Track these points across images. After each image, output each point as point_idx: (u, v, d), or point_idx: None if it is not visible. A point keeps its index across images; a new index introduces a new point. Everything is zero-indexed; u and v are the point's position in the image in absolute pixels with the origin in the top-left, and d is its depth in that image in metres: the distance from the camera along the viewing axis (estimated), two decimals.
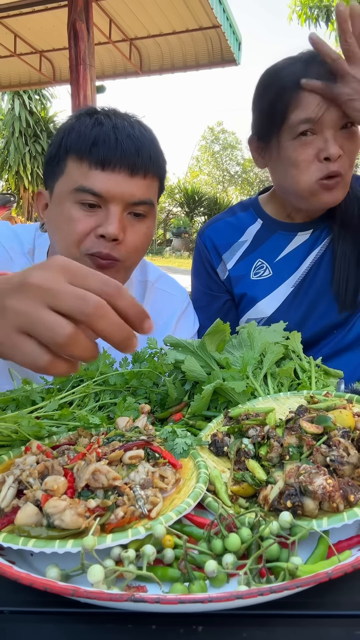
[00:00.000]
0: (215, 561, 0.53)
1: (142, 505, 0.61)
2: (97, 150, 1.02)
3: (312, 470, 0.61)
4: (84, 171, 1.04)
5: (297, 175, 1.27)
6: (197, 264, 1.55)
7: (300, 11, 9.87)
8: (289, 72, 1.26)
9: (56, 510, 0.56)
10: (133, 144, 1.04)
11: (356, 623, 0.50)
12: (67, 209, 1.05)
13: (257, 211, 1.50)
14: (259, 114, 1.35)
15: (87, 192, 1.03)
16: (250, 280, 1.46)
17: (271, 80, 1.30)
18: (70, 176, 1.06)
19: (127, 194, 1.04)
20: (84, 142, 1.03)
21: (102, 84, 8.04)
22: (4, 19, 6.34)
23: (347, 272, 1.36)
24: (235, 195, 31.51)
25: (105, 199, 1.04)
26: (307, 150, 1.24)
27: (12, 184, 17.26)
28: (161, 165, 1.12)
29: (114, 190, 1.03)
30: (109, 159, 1.02)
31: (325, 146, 1.22)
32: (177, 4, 5.87)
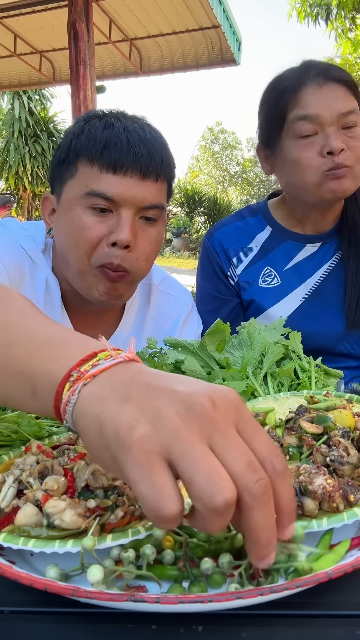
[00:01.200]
0: (211, 559, 0.53)
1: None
2: (109, 153, 1.00)
3: (312, 470, 0.61)
4: (94, 175, 1.02)
5: (302, 172, 1.28)
6: (205, 267, 1.53)
7: (299, 8, 9.86)
8: (287, 76, 1.31)
9: (56, 510, 0.57)
10: (145, 147, 1.02)
11: (356, 623, 0.50)
12: (78, 215, 1.03)
13: (266, 217, 1.49)
14: (262, 120, 1.38)
15: (99, 196, 1.01)
16: (258, 287, 1.45)
17: (272, 87, 1.34)
18: (81, 180, 1.04)
19: (138, 198, 1.02)
20: (94, 145, 1.01)
21: (102, 84, 8.04)
22: (4, 19, 6.34)
23: (359, 290, 1.36)
24: (235, 196, 31.52)
25: (117, 203, 1.02)
26: (309, 148, 1.26)
27: (12, 184, 17.25)
28: (172, 169, 1.11)
29: (126, 194, 1.01)
30: (121, 162, 1.00)
31: (327, 142, 1.23)
32: (177, 4, 5.87)
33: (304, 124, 1.24)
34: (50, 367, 0.51)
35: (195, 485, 0.40)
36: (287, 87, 1.28)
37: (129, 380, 0.46)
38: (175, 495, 0.40)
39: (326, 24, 9.84)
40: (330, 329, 1.38)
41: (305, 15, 9.88)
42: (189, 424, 0.41)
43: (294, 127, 1.26)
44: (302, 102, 1.25)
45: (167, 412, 0.42)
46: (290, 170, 1.30)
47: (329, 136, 1.23)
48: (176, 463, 0.40)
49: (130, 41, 6.78)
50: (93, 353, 0.51)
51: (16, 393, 0.55)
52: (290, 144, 1.28)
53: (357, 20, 9.58)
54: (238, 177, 33.46)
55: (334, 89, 1.25)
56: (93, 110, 1.13)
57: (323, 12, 9.68)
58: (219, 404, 0.44)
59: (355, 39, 9.69)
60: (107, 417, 0.43)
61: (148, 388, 0.45)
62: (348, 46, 9.76)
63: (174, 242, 20.76)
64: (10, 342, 0.56)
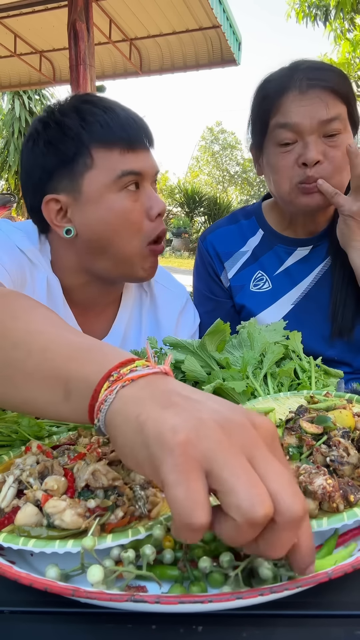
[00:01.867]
0: (209, 558, 0.53)
1: (142, 505, 0.61)
2: (127, 134, 1.07)
3: (312, 471, 0.61)
4: (115, 157, 1.07)
5: (278, 181, 1.28)
6: (199, 269, 1.53)
7: (298, 9, 9.85)
8: (273, 80, 1.29)
9: (56, 510, 0.56)
10: (140, 122, 1.12)
11: (356, 623, 0.50)
12: (114, 201, 1.07)
13: (259, 220, 1.49)
14: (250, 122, 1.38)
15: (130, 174, 1.07)
16: (249, 291, 1.45)
17: (258, 90, 1.33)
18: (104, 167, 1.07)
19: (153, 168, 1.13)
20: (109, 130, 1.06)
21: (102, 84, 8.05)
22: (4, 19, 6.34)
23: (345, 296, 1.33)
24: (235, 196, 31.52)
25: (143, 176, 1.10)
26: (287, 156, 1.24)
27: (12, 184, 17.26)
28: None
29: (147, 166, 1.11)
30: (135, 140, 1.09)
31: (304, 152, 1.21)
32: (177, 4, 5.87)
33: (283, 132, 1.23)
34: (87, 369, 0.52)
35: (236, 494, 0.40)
36: (270, 93, 1.27)
37: (167, 390, 0.47)
38: (207, 506, 0.40)
39: (325, 24, 9.84)
40: (320, 334, 1.36)
41: (304, 16, 9.87)
42: (231, 438, 0.42)
43: (274, 134, 1.25)
44: (283, 109, 1.23)
45: (210, 423, 0.42)
46: (270, 177, 1.31)
47: (307, 146, 1.20)
48: (216, 473, 0.40)
49: (130, 41, 6.78)
50: (131, 359, 0.52)
51: (47, 398, 0.55)
52: (272, 150, 1.27)
53: (355, 21, 9.58)
54: (238, 177, 33.45)
55: (317, 95, 1.20)
56: (56, 105, 1.14)
57: (321, 13, 9.68)
58: (259, 426, 0.44)
59: (354, 39, 9.69)
60: (149, 417, 0.43)
61: (188, 400, 0.45)
62: (347, 47, 9.76)
63: (173, 242, 20.75)
64: (44, 348, 0.57)
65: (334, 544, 0.59)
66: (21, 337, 0.60)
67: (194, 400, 0.45)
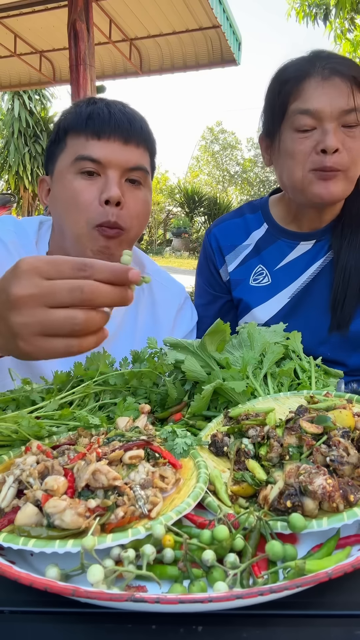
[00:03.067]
0: (212, 551, 0.53)
1: (142, 505, 0.61)
2: (93, 123, 1.11)
3: (312, 470, 0.61)
4: (81, 142, 1.12)
5: (292, 166, 1.26)
6: (201, 262, 1.56)
7: (298, 8, 9.82)
8: (293, 66, 1.28)
9: (56, 510, 0.57)
10: (125, 116, 1.14)
11: (356, 623, 0.50)
12: (69, 182, 1.12)
13: (264, 214, 1.49)
14: (265, 109, 1.35)
15: (86, 159, 1.10)
16: (248, 285, 1.45)
17: (277, 76, 1.31)
18: (70, 150, 1.14)
19: (122, 159, 1.12)
20: (80, 118, 1.13)
21: (102, 84, 8.05)
22: (4, 19, 6.34)
23: (346, 290, 1.32)
24: (235, 196, 31.51)
25: (104, 165, 1.11)
26: (305, 142, 1.23)
27: (12, 184, 17.24)
28: (152, 140, 1.20)
29: (111, 156, 1.11)
30: (104, 129, 1.11)
31: (323, 138, 1.20)
32: (177, 4, 5.86)
33: (303, 117, 1.22)
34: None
35: (62, 332, 0.61)
36: (291, 78, 1.25)
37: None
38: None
39: (325, 24, 9.82)
40: (314, 329, 1.36)
41: (304, 15, 9.85)
42: (25, 313, 0.62)
43: (294, 120, 1.23)
44: (304, 95, 1.22)
45: (13, 320, 0.62)
46: (285, 163, 1.29)
47: (327, 133, 1.20)
48: (45, 334, 0.62)
49: (130, 41, 6.78)
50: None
51: None
52: (288, 135, 1.26)
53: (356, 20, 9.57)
54: (238, 177, 33.43)
55: (339, 84, 1.20)
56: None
57: (322, 12, 9.66)
58: (23, 283, 0.62)
59: (355, 39, 9.68)
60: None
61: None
62: (348, 47, 9.74)
63: (174, 242, 20.74)
64: None
65: (334, 545, 0.59)
66: None
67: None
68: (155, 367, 1.00)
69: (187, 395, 1.01)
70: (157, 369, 1.00)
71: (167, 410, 0.98)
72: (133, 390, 1.01)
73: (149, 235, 22.63)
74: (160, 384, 1.01)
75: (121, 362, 1.03)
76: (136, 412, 0.90)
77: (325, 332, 1.36)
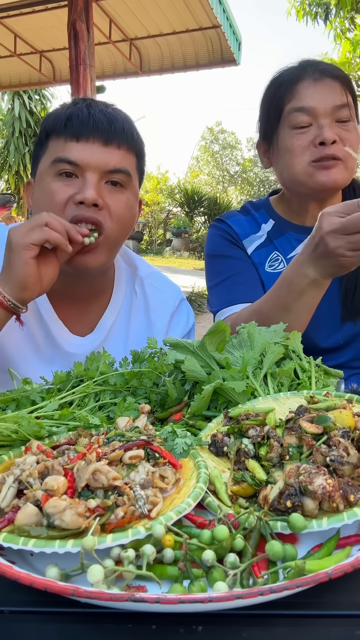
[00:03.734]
0: (212, 551, 0.53)
1: (142, 505, 0.61)
2: (72, 124, 1.09)
3: (312, 470, 0.61)
4: (60, 145, 1.10)
5: (291, 160, 1.31)
6: (217, 244, 1.52)
7: (299, 7, 9.81)
8: (286, 72, 1.37)
9: (56, 510, 0.57)
10: (105, 117, 1.11)
11: (356, 623, 0.50)
12: (47, 183, 1.11)
13: (268, 212, 1.53)
14: (262, 114, 1.43)
15: (64, 162, 1.09)
16: (264, 271, 1.47)
17: (271, 82, 1.40)
18: (50, 152, 1.12)
19: (102, 161, 1.09)
20: (59, 120, 1.11)
21: (102, 84, 8.04)
22: (4, 19, 6.34)
23: (356, 281, 1.36)
24: (235, 196, 31.51)
25: (81, 167, 1.09)
26: (302, 137, 1.30)
27: (12, 184, 17.23)
28: (136, 141, 1.17)
29: (89, 158, 1.08)
30: (82, 130, 1.09)
31: (320, 132, 1.27)
32: (177, 4, 5.87)
33: (299, 115, 1.29)
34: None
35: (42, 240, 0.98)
36: (285, 81, 1.34)
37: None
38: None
39: (325, 23, 9.81)
40: (326, 319, 1.37)
41: (304, 14, 9.84)
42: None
43: (290, 118, 1.31)
44: (298, 94, 1.30)
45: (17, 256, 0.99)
46: (283, 159, 1.34)
47: (323, 127, 1.27)
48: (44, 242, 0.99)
49: (130, 41, 6.78)
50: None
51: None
52: (286, 133, 1.32)
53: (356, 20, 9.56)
54: (238, 177, 33.43)
55: (329, 84, 1.29)
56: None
57: (322, 11, 9.65)
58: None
59: (355, 38, 9.68)
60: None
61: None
62: (347, 46, 9.74)
63: (174, 242, 20.73)
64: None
65: (334, 545, 0.59)
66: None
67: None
68: (155, 367, 1.00)
69: (187, 395, 1.01)
70: (157, 368, 1.00)
71: (167, 410, 0.98)
72: (133, 390, 1.01)
73: (149, 235, 22.62)
74: (160, 384, 1.01)
75: (121, 362, 1.03)
76: (136, 412, 0.90)
77: (337, 321, 1.38)
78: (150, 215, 22.87)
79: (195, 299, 7.85)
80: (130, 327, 1.33)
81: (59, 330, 1.24)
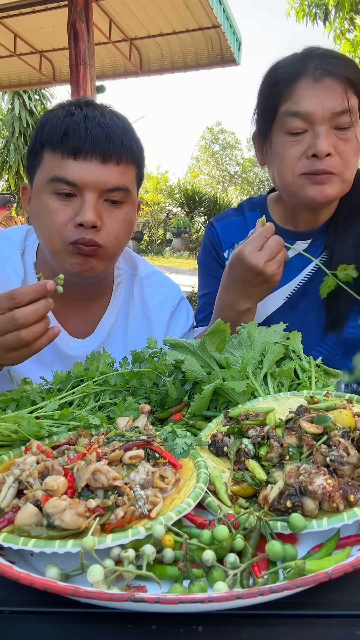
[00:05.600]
0: (212, 551, 0.53)
1: (142, 505, 0.61)
2: (69, 140, 1.05)
3: (312, 470, 0.61)
4: (57, 161, 1.07)
5: (283, 170, 1.24)
6: (204, 253, 1.54)
7: (298, 7, 9.80)
8: (285, 65, 1.24)
9: (56, 510, 0.57)
10: (103, 132, 1.06)
11: (356, 623, 0.50)
12: (45, 200, 1.09)
13: (262, 213, 1.49)
14: (258, 108, 1.33)
15: (62, 182, 1.06)
16: None
17: (269, 75, 1.28)
18: (46, 168, 1.09)
19: (100, 181, 1.07)
20: (56, 133, 1.07)
21: (102, 84, 8.04)
22: (4, 19, 6.34)
23: (340, 290, 1.28)
24: (235, 195, 31.50)
25: (80, 187, 1.06)
26: (295, 146, 1.20)
27: (12, 184, 17.24)
28: (135, 152, 1.13)
29: (87, 177, 1.06)
30: (80, 148, 1.05)
31: (314, 142, 1.17)
32: (177, 4, 5.86)
33: (294, 120, 1.18)
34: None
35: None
36: (282, 79, 1.22)
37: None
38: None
39: (324, 24, 9.80)
40: (309, 330, 1.33)
41: (304, 15, 9.83)
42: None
43: (284, 122, 1.21)
44: (295, 96, 1.18)
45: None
46: (276, 165, 1.27)
47: (318, 136, 1.16)
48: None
49: (130, 41, 6.78)
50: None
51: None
52: (279, 138, 1.24)
53: (355, 21, 9.56)
54: (238, 177, 33.42)
55: (331, 85, 1.16)
56: (62, 102, 1.17)
57: (321, 12, 9.63)
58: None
59: (354, 39, 9.67)
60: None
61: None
62: (347, 47, 9.73)
63: (174, 242, 20.73)
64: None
65: (334, 545, 0.59)
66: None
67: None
68: (155, 367, 1.00)
69: (187, 395, 1.01)
70: (157, 368, 1.00)
71: (167, 410, 0.98)
72: (133, 390, 1.01)
73: (149, 235, 22.62)
74: (160, 384, 1.01)
75: (121, 362, 1.03)
76: (136, 412, 0.90)
77: (321, 333, 1.35)
78: (150, 215, 22.86)
79: (195, 299, 7.84)
80: (128, 329, 1.33)
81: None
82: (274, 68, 1.28)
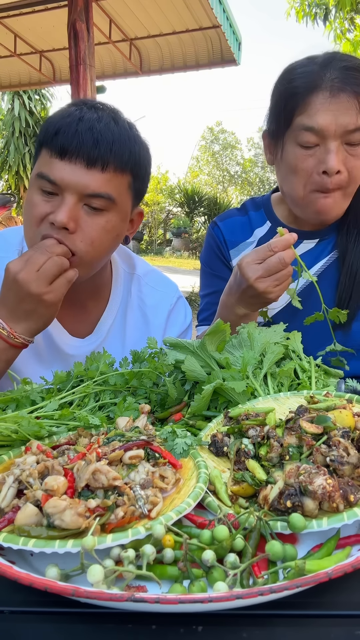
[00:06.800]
0: (212, 551, 0.53)
1: (142, 505, 0.61)
2: (57, 140, 1.05)
3: (312, 470, 0.61)
4: (46, 159, 1.07)
5: (295, 183, 1.27)
6: (207, 253, 1.55)
7: (298, 7, 9.79)
8: (303, 73, 1.24)
9: (56, 510, 0.57)
10: (92, 136, 1.05)
11: (356, 623, 0.50)
12: (30, 194, 1.10)
13: (267, 213, 1.49)
14: (271, 110, 1.34)
15: (45, 179, 1.06)
16: None
17: (285, 78, 1.28)
18: (39, 163, 1.10)
19: (81, 184, 1.05)
20: (50, 131, 1.07)
21: (102, 84, 8.03)
22: (4, 19, 6.34)
23: (351, 290, 1.34)
24: (235, 195, 31.50)
25: (61, 187, 1.05)
26: (308, 159, 1.23)
27: (12, 184, 17.24)
28: (128, 161, 1.09)
29: (68, 179, 1.05)
30: (66, 149, 1.05)
31: (326, 158, 1.19)
32: (177, 4, 5.86)
33: (307, 134, 1.21)
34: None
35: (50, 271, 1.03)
36: (299, 90, 1.23)
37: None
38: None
39: (325, 23, 9.80)
40: (316, 329, 1.35)
41: (304, 15, 9.83)
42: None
43: (298, 134, 1.23)
44: (310, 110, 1.20)
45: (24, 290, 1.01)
46: (287, 176, 1.30)
47: (329, 152, 1.19)
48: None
49: (130, 41, 6.78)
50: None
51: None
52: (291, 149, 1.26)
53: (355, 21, 9.56)
54: (238, 177, 33.43)
55: (346, 101, 1.18)
56: (75, 100, 1.19)
57: (321, 11, 9.63)
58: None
59: (355, 39, 9.67)
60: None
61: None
62: (348, 47, 9.73)
63: (174, 242, 20.74)
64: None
65: (334, 545, 0.59)
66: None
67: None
68: (155, 367, 1.00)
69: (187, 395, 1.01)
70: (157, 368, 1.00)
71: (167, 410, 0.98)
72: (133, 390, 1.01)
73: (149, 235, 22.63)
74: (160, 384, 1.01)
75: (121, 362, 1.03)
76: (136, 412, 0.90)
77: (328, 332, 1.35)
78: (150, 215, 22.86)
79: (195, 298, 7.85)
80: (126, 327, 1.33)
81: (58, 332, 1.24)
82: (291, 69, 1.28)
